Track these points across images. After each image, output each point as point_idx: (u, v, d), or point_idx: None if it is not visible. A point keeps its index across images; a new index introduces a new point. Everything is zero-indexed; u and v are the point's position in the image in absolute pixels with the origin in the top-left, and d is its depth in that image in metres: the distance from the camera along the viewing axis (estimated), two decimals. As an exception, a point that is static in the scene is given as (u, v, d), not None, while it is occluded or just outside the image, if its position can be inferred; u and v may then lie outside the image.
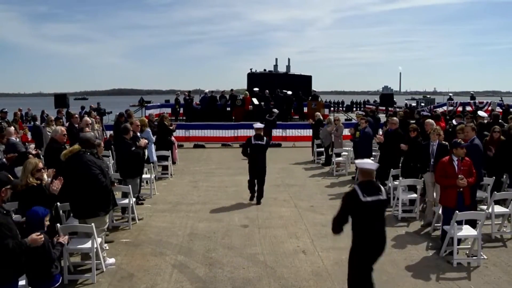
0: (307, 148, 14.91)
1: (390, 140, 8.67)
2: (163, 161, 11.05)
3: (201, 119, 19.45)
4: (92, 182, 5.15)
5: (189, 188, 9.90)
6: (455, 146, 5.90)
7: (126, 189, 7.06)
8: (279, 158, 14.00)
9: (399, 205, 7.47)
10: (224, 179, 10.74)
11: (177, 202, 8.66)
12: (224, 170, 12.01)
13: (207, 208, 8.17)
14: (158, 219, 7.50)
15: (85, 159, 5.18)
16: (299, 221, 7.43)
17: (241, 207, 8.29)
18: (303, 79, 27.07)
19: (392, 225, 7.14)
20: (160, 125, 11.62)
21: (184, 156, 14.04)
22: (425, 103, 31.43)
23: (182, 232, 6.84)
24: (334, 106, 32.48)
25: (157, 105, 25.54)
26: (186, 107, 21.75)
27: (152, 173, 9.23)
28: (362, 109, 36.53)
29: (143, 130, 9.69)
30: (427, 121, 8.41)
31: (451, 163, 5.89)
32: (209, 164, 13.04)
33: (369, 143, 10.20)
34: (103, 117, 14.38)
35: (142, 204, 8.41)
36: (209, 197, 9.07)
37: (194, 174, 11.44)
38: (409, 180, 7.58)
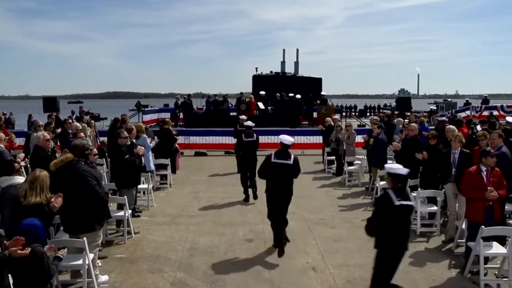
0: (317, 156, 14.88)
1: (408, 148, 8.62)
2: (161, 170, 11.06)
3: (203, 124, 19.48)
4: (89, 195, 5.13)
5: (190, 199, 9.89)
6: (484, 155, 5.80)
7: (122, 200, 7.06)
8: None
9: (418, 219, 7.40)
10: (228, 190, 10.72)
11: (176, 214, 8.65)
12: (228, 179, 12.00)
13: (208, 221, 8.15)
14: (155, 233, 7.48)
15: (81, 169, 5.17)
16: (308, 235, 7.39)
17: (245, 219, 8.26)
18: (312, 81, 27.11)
19: (410, 240, 7.03)
20: (163, 130, 11.65)
21: (184, 164, 14.04)
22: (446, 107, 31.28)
23: (182, 247, 6.81)
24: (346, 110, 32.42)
25: (155, 110, 25.70)
26: (186, 111, 21.85)
27: (149, 183, 9.23)
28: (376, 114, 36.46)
29: (139, 136, 9.73)
30: (447, 127, 8.36)
31: (479, 173, 5.78)
32: (211, 173, 13.04)
33: (383, 151, 10.16)
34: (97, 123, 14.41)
35: (139, 216, 8.40)
36: (211, 209, 9.06)
37: (195, 184, 11.44)
38: (428, 192, 7.52)
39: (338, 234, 7.38)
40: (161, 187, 10.99)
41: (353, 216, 8.53)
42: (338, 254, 6.48)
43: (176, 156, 11.87)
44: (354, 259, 6.34)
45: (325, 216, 8.47)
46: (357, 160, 12.05)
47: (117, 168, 7.51)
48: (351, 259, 6.32)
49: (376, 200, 4.40)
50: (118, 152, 7.47)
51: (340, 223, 7.98)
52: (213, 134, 17.37)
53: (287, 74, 28.47)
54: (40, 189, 4.68)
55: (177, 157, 12.11)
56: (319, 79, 27.66)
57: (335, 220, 8.23)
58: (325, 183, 11.59)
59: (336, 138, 12.53)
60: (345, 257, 6.41)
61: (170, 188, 10.93)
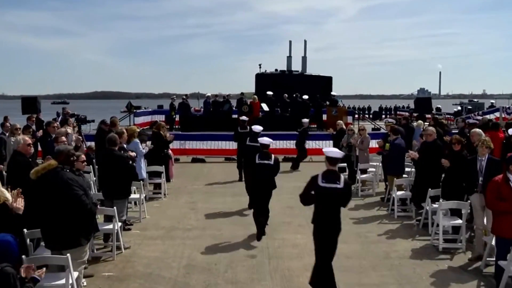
0: (327, 163, 14.80)
1: (427, 154, 8.56)
2: (155, 178, 11.04)
3: (201, 128, 19.48)
4: (74, 206, 5.10)
5: (186, 210, 9.87)
6: (511, 162, 5.76)
7: (111, 211, 7.04)
8: (293, 174, 13.94)
9: (440, 233, 7.32)
10: (228, 200, 10.71)
11: (171, 227, 8.62)
12: (228, 189, 11.99)
13: (207, 235, 8.12)
14: (148, 248, 7.45)
15: (66, 178, 5.13)
16: (317, 251, 7.31)
17: (248, 233, 8.22)
18: (322, 80, 27.12)
19: (431, 258, 7.00)
20: (155, 135, 11.64)
21: (180, 172, 14.02)
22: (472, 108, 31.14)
23: (177, 263, 6.78)
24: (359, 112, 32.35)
25: (148, 112, 25.75)
26: (183, 114, 21.86)
27: (141, 193, 9.20)
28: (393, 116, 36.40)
29: (130, 141, 9.71)
30: (473, 130, 8.30)
31: (507, 182, 5.72)
32: (210, 181, 13.03)
33: (401, 157, 10.09)
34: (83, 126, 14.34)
35: (129, 229, 8.38)
36: (209, 221, 9.04)
37: (192, 194, 11.43)
38: (451, 203, 7.44)
39: (350, 250, 7.31)
40: (154, 197, 10.96)
41: (367, 230, 8.46)
42: (351, 272, 6.42)
43: (168, 163, 11.82)
44: (369, 277, 6.27)
45: (336, 230, 8.39)
46: (371, 168, 12.00)
47: (108, 176, 7.47)
48: (365, 278, 6.26)
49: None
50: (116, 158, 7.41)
51: (352, 238, 7.92)
52: (212, 139, 17.36)
53: (293, 72, 28.50)
54: None
55: (169, 164, 12.07)
56: (329, 77, 27.67)
57: (347, 234, 8.10)
58: (336, 193, 11.51)
59: (348, 143, 12.48)
60: (359, 275, 6.35)
61: (164, 198, 10.90)
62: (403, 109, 40.08)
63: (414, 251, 7.29)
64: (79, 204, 5.10)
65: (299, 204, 10.02)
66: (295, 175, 13.77)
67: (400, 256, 7.10)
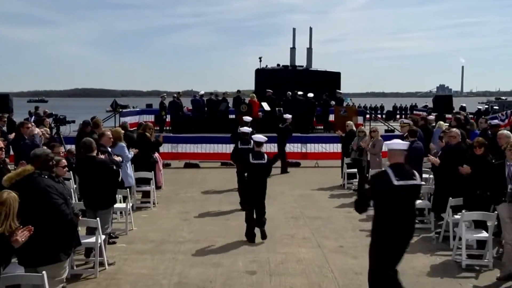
0: (335, 169, 14.84)
1: (449, 159, 8.53)
2: (143, 185, 11.02)
3: (195, 129, 19.48)
4: (53, 216, 5.07)
5: (178, 221, 9.86)
6: None
7: (93, 223, 7.01)
8: (298, 181, 13.91)
9: (463, 248, 7.28)
10: (225, 209, 10.71)
11: (161, 240, 8.61)
12: (225, 197, 11.99)
13: (201, 248, 8.11)
14: (135, 264, 7.44)
15: (43, 185, 5.11)
16: (324, 266, 7.33)
17: (246, 246, 8.22)
18: (329, 76, 27.16)
19: (453, 276, 6.97)
20: (141, 137, 11.61)
21: (172, 178, 14.02)
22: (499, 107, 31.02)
23: (168, 280, 6.76)
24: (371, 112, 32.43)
25: (135, 111, 25.77)
26: (175, 114, 21.86)
27: (128, 202, 9.18)
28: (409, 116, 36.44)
29: (115, 144, 9.69)
30: (500, 133, 8.26)
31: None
32: (205, 189, 13.03)
33: (418, 162, 10.05)
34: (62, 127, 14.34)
35: (114, 243, 8.36)
36: (204, 233, 9.02)
37: (184, 203, 11.43)
38: (476, 214, 7.41)
39: (361, 266, 7.27)
40: (142, 206, 10.95)
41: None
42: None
43: (156, 169, 11.79)
44: (382, 297, 6.22)
45: (345, 243, 8.41)
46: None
47: (90, 184, 7.44)
48: (378, 298, 6.21)
49: None
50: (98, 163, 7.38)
51: (363, 252, 7.83)
52: (207, 142, 17.37)
53: (297, 67, 28.54)
54: (5, 217, 4.49)
55: (157, 169, 12.04)
56: (337, 73, 27.71)
57: (357, 248, 8.15)
58: (344, 202, 11.50)
59: (358, 146, 12.47)
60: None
61: (153, 208, 10.90)
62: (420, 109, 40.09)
63: (433, 268, 7.26)
64: (59, 215, 5.07)
65: (303, 214, 10.11)
66: (299, 182, 13.75)
67: (417, 273, 7.06)
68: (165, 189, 12.70)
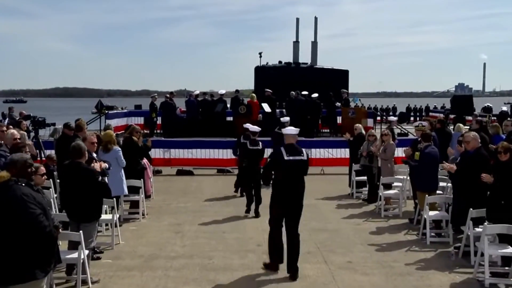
0: (342, 177, 14.86)
1: (468, 165, 8.51)
2: (131, 194, 11.02)
3: (188, 133, 19.49)
4: (30, 228, 5.05)
5: (170, 234, 9.86)
6: None
7: (76, 236, 6.99)
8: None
9: (486, 265, 7.23)
10: (221, 221, 10.72)
11: (151, 255, 8.60)
12: (221, 207, 12.00)
13: (195, 264, 8.10)
14: (122, 281, 7.42)
15: (20, 193, 5.10)
16: (330, 284, 7.31)
17: (244, 262, 8.20)
18: (336, 75, 27.24)
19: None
20: (127, 141, 11.59)
21: (163, 187, 14.02)
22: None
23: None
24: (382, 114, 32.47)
25: (123, 113, 25.75)
26: (167, 116, 21.86)
27: (115, 213, 9.16)
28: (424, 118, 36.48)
29: (109, 149, 9.64)
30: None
31: None
32: (199, 198, 13.03)
33: (433, 169, 10.07)
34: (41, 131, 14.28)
35: (99, 259, 8.34)
36: (198, 247, 9.01)
37: (176, 214, 11.43)
38: (500, 227, 7.40)
39: (372, 284, 7.28)
40: (130, 217, 10.95)
41: (392, 258, 8.42)
42: (373, 311, 6.37)
43: (144, 176, 11.77)
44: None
45: (354, 258, 8.38)
46: (396, 182, 11.96)
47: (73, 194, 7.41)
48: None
49: None
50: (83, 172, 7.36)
51: (374, 268, 7.88)
52: (202, 146, 17.41)
53: (301, 65, 28.61)
54: None
55: (146, 177, 12.02)
56: (344, 71, 27.81)
57: (367, 264, 8.14)
58: (353, 213, 11.51)
59: (368, 152, 12.47)
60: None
61: (142, 220, 10.89)
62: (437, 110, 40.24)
63: (452, 287, 7.24)
64: (36, 227, 5.05)
65: (307, 226, 10.09)
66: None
67: (434, 291, 7.05)
68: (155, 199, 12.70)
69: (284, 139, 7.96)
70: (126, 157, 10.67)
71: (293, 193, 7.62)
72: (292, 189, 7.60)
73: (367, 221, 10.87)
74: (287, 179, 7.60)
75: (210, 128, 20.19)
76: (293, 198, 7.62)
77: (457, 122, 15.44)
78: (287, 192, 7.60)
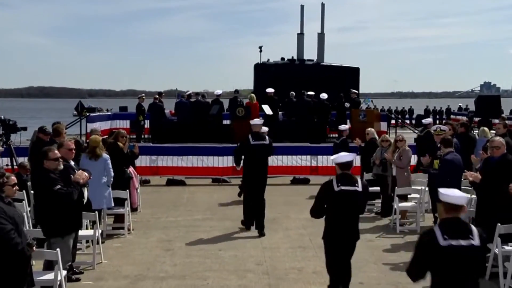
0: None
1: (494, 174, 8.52)
2: (115, 207, 10.98)
3: (180, 138, 19.48)
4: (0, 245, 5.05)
5: (159, 252, 9.86)
6: None
7: (52, 255, 6.98)
8: (306, 202, 13.80)
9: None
10: (217, 237, 10.71)
11: (138, 276, 8.59)
12: (217, 222, 11.99)
13: (187, 286, 8.12)
14: (105, 305, 7.40)
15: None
16: (340, 308, 7.28)
17: (243, 283, 8.20)
18: (345, 73, 27.25)
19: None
20: (111, 148, 11.60)
21: (151, 198, 14.03)
22: None
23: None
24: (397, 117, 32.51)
25: (106, 115, 25.77)
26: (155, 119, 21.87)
27: (97, 228, 9.14)
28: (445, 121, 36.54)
29: (98, 155, 9.63)
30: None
31: None
32: (192, 212, 13.03)
33: (456, 178, 10.06)
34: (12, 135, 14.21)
35: (79, 280, 8.32)
36: (191, 267, 9.00)
37: (166, 229, 11.42)
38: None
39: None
40: (114, 233, 10.94)
41: (409, 279, 8.32)
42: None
43: (130, 187, 11.77)
44: None
45: (365, 279, 8.39)
46: (413, 193, 11.94)
47: (43, 206, 7.41)
48: None
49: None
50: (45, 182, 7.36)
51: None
52: (195, 153, 17.40)
53: (306, 61, 28.64)
54: None
55: (132, 188, 12.01)
56: (355, 69, 27.84)
57: (380, 285, 8.16)
58: (365, 228, 11.44)
59: (381, 159, 12.46)
60: None
61: (128, 235, 10.88)
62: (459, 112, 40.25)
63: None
64: (6, 244, 5.06)
65: (314, 243, 10.08)
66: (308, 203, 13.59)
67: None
68: (142, 212, 12.69)
69: (252, 128, 11.21)
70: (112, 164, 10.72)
71: (258, 169, 10.98)
72: (257, 166, 10.98)
73: (380, 237, 10.89)
74: (253, 159, 11.00)
75: (204, 132, 20.16)
76: (259, 173, 10.99)
77: (482, 126, 15.38)
78: (254, 170, 10.97)
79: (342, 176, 7.05)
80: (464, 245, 4.65)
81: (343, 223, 6.94)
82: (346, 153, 7.29)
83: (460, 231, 4.72)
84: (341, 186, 6.93)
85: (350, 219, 7.02)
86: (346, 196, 6.90)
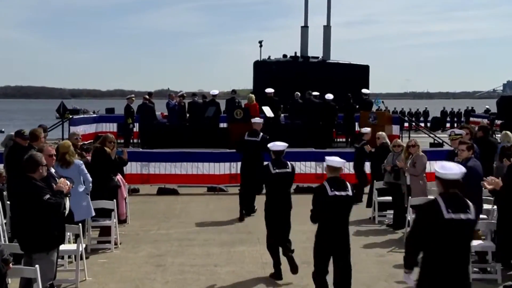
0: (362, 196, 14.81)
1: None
2: (101, 218, 11.01)
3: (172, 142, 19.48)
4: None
5: (149, 268, 9.84)
6: None
7: (31, 272, 6.95)
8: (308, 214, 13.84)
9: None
10: (212, 252, 10.73)
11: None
12: (213, 234, 12.01)
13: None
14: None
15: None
16: (348, 331, 7.26)
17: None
18: (353, 71, 27.28)
19: None
20: (98, 153, 11.59)
21: (141, 209, 14.05)
22: None
23: None
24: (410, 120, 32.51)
25: (91, 118, 25.77)
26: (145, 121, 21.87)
27: (80, 242, 9.11)
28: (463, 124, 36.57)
29: (68, 162, 9.63)
30: None
31: None
32: (185, 224, 13.05)
33: (476, 187, 10.03)
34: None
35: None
36: (184, 284, 9.02)
37: (157, 243, 11.43)
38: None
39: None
40: (99, 247, 10.92)
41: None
42: None
43: (118, 196, 11.75)
44: None
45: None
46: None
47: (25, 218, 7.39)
48: None
49: None
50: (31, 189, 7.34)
51: (402, 311, 7.84)
52: (189, 159, 17.41)
53: (311, 59, 28.65)
54: None
55: (120, 197, 12.00)
56: (364, 66, 27.89)
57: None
58: (375, 241, 11.49)
59: (393, 166, 12.44)
60: None
61: (115, 250, 10.86)
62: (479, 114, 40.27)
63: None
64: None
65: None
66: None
67: None
68: (130, 224, 12.70)
69: (252, 125, 13.50)
70: (96, 172, 10.67)
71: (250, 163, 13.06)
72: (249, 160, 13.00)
73: (392, 252, 10.85)
74: (246, 154, 13.04)
75: (199, 136, 20.17)
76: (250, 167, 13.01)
77: (505, 129, 15.34)
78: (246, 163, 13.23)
79: (333, 180, 7.72)
80: (463, 219, 5.51)
81: (335, 227, 7.70)
82: (337, 158, 7.87)
83: (460, 205, 5.59)
84: (335, 191, 7.58)
85: (342, 223, 7.76)
86: (339, 201, 7.59)
